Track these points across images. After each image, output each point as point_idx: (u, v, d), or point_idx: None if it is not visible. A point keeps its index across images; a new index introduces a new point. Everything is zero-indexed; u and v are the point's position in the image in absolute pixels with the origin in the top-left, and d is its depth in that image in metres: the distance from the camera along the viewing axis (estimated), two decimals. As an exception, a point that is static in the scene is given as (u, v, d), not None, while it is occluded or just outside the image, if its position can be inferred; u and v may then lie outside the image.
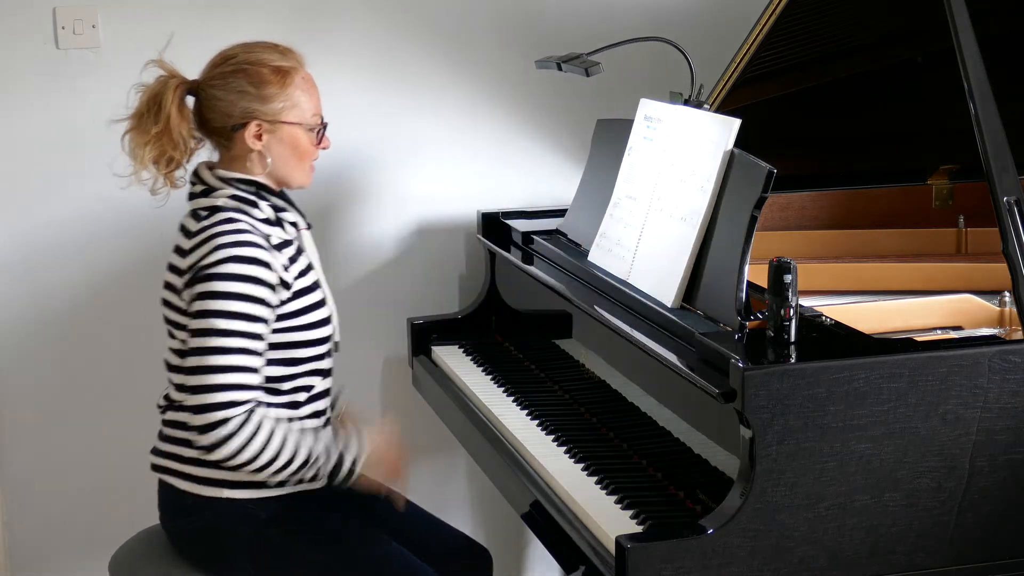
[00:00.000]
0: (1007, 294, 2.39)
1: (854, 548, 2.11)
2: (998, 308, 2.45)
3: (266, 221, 2.44)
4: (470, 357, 3.09)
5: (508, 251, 3.08)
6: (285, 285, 2.42)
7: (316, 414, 2.53)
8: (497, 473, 2.63)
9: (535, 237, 3.00)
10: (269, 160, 2.46)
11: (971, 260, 2.90)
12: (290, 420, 2.46)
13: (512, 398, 2.80)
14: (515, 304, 3.15)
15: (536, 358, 2.99)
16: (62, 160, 3.08)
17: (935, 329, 2.44)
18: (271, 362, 2.43)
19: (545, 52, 3.02)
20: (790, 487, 2.06)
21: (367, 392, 3.34)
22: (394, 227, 3.31)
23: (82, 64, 3.05)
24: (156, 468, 2.52)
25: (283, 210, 2.49)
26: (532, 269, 2.92)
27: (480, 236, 3.22)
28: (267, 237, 2.42)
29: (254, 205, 2.44)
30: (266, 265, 2.38)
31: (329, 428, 2.53)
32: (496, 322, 3.22)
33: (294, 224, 2.51)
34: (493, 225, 3.20)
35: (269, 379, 2.43)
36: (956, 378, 2.10)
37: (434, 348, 3.18)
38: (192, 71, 2.51)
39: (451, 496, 3.45)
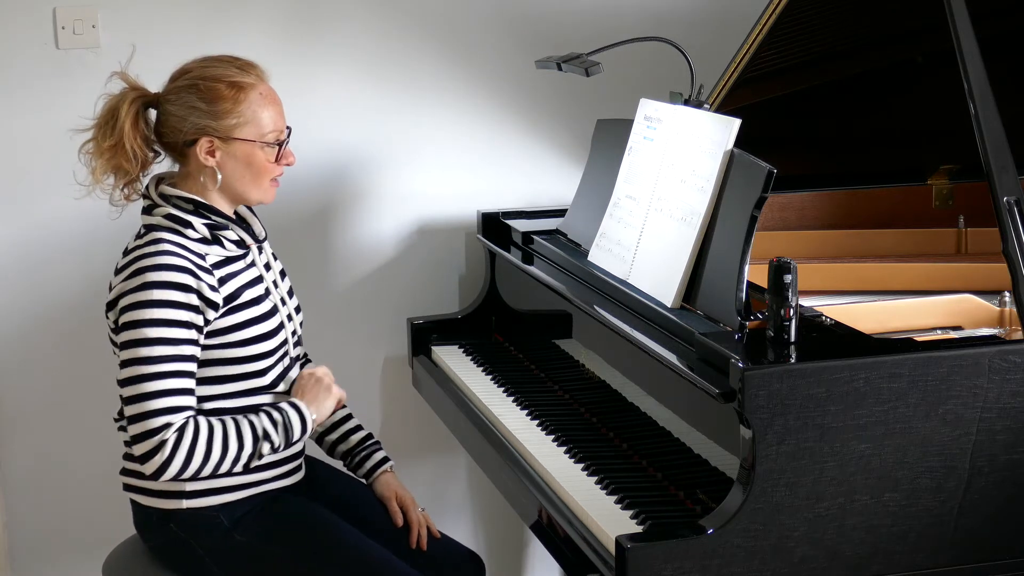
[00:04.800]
0: (1007, 294, 2.39)
1: (854, 548, 2.11)
2: (998, 308, 2.45)
3: (202, 240, 2.40)
4: (470, 357, 3.09)
5: (508, 251, 3.08)
6: (213, 305, 2.37)
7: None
8: (497, 473, 2.62)
9: (535, 237, 3.00)
10: (220, 177, 2.42)
11: (971, 260, 2.89)
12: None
13: (512, 398, 2.80)
14: (515, 304, 3.15)
15: (536, 358, 2.98)
16: (62, 160, 3.07)
17: (935, 329, 2.44)
18: (206, 380, 2.39)
19: (545, 52, 3.02)
20: (790, 487, 2.06)
21: (367, 392, 3.34)
22: (394, 227, 3.30)
23: (82, 64, 3.04)
24: (125, 488, 2.51)
25: (222, 228, 2.43)
26: (532, 269, 2.92)
27: (480, 236, 3.22)
28: (203, 256, 2.39)
29: (188, 225, 2.40)
30: (186, 288, 2.33)
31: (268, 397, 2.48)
32: (496, 322, 3.22)
33: (238, 242, 2.46)
34: (493, 225, 3.20)
35: (203, 398, 2.38)
36: (956, 378, 2.10)
37: (434, 348, 3.18)
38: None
39: (451, 496, 3.45)
